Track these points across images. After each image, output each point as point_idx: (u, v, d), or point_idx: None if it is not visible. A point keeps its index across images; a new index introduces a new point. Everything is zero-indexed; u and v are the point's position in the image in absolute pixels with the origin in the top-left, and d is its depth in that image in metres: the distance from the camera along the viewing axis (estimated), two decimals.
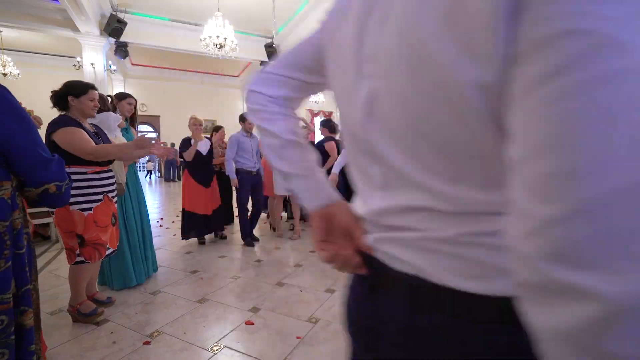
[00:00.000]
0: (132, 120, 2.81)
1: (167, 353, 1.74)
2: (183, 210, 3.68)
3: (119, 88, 12.59)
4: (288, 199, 4.41)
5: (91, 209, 1.97)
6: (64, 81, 2.05)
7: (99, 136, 2.12)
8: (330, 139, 3.97)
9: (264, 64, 10.66)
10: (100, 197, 2.03)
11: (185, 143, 3.58)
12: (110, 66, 9.12)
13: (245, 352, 1.75)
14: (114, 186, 2.18)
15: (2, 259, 1.08)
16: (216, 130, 4.68)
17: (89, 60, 8.07)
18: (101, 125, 2.42)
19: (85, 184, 1.96)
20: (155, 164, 14.85)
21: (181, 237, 3.76)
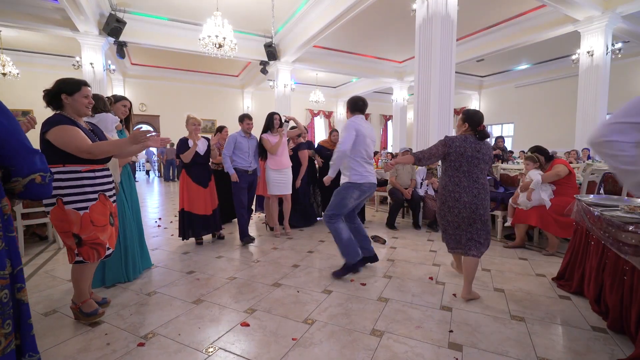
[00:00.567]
0: (127, 123, 2.81)
1: (161, 355, 1.72)
2: (181, 211, 3.66)
3: (118, 88, 12.59)
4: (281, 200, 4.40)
5: (87, 207, 1.93)
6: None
7: (96, 134, 2.07)
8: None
9: (264, 64, 10.64)
10: (96, 195, 1.98)
11: (183, 144, 3.56)
12: (109, 66, 9.11)
13: (240, 354, 1.73)
14: (111, 185, 2.13)
15: None
16: (219, 130, 4.68)
17: (88, 60, 8.07)
18: (99, 125, 2.40)
19: (79, 182, 1.92)
20: (154, 164, 14.84)
21: (179, 237, 3.75)
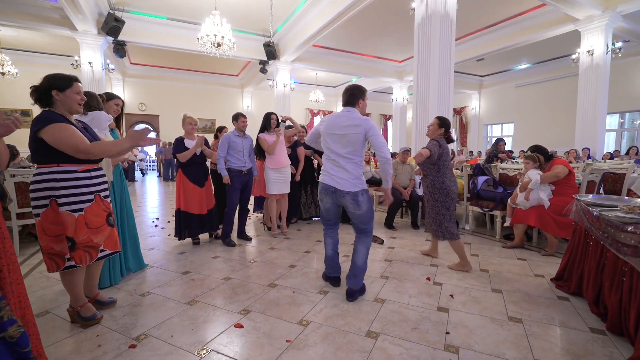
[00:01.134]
0: (118, 121, 2.79)
1: (152, 357, 1.70)
2: (177, 210, 3.64)
3: (117, 87, 12.58)
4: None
5: (82, 209, 1.88)
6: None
7: (87, 131, 2.02)
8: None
9: (263, 63, 10.60)
10: (92, 196, 1.93)
11: (179, 143, 3.53)
12: (108, 65, 9.09)
13: (232, 356, 1.70)
14: (105, 185, 2.09)
15: None
16: (220, 130, 4.65)
17: (86, 59, 8.05)
18: (92, 123, 2.37)
19: (75, 183, 1.86)
20: (147, 164, 14.86)
21: (175, 237, 3.73)
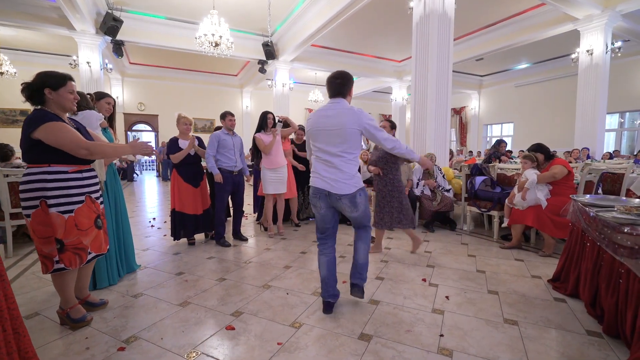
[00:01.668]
0: (110, 120, 2.76)
1: None
2: (172, 211, 3.61)
3: (117, 87, 12.57)
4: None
5: (72, 211, 1.85)
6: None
7: (80, 132, 1.99)
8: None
9: (262, 63, 10.56)
10: (82, 198, 1.91)
11: (173, 143, 3.50)
12: (106, 65, 9.07)
13: (222, 359, 1.68)
14: (97, 186, 2.06)
15: None
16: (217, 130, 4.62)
17: (84, 59, 8.03)
18: (83, 122, 2.35)
19: (66, 184, 1.83)
20: (140, 164, 14.91)
21: (171, 238, 3.71)
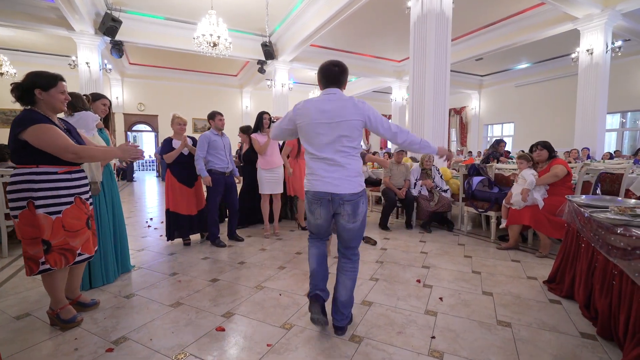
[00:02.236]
0: (106, 121, 2.75)
1: None
2: (167, 211, 3.61)
3: (116, 87, 12.59)
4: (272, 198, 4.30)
5: (60, 212, 1.84)
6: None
7: (70, 133, 1.97)
8: None
9: (261, 63, 10.59)
10: (71, 199, 1.89)
11: (167, 144, 3.50)
12: (105, 65, 9.09)
13: None
14: (86, 187, 2.04)
15: None
16: None
17: (84, 59, 8.05)
18: (79, 123, 2.34)
19: (54, 185, 1.82)
20: (129, 166, 14.91)
21: (166, 238, 3.71)
